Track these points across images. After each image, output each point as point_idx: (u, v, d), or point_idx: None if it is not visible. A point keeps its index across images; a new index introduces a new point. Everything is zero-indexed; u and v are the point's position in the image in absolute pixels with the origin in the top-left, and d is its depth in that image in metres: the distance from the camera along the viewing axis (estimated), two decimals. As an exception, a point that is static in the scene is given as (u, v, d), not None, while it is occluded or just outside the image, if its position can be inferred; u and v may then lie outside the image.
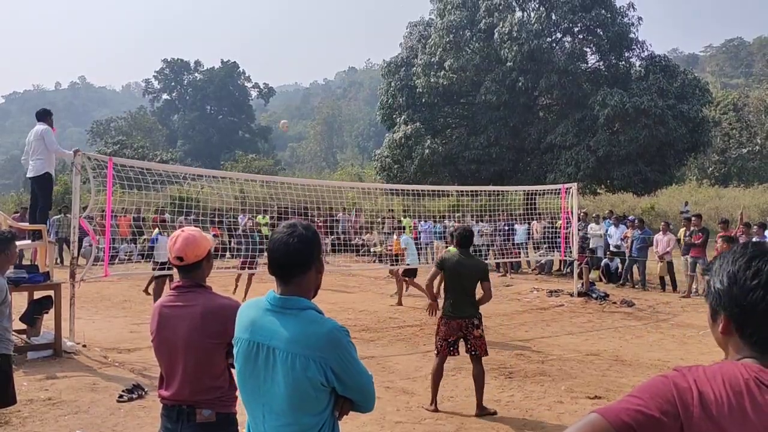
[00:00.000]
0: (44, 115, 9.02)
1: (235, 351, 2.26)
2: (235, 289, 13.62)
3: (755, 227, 13.75)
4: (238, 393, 2.44)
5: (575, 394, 7.02)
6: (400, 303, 13.11)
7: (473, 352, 6.33)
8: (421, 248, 20.34)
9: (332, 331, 2.13)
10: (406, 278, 13.36)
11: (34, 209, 9.19)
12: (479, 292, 6.44)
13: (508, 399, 6.80)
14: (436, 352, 6.50)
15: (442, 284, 6.64)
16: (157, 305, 3.01)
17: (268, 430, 2.14)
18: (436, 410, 6.34)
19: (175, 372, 2.87)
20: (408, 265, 13.39)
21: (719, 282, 1.43)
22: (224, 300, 2.94)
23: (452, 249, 10.01)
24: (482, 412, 6.26)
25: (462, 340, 6.38)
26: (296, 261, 2.19)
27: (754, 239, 12.46)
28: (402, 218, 21.12)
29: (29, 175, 8.91)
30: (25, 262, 14.88)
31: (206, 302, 2.89)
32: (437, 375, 6.41)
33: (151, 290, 13.32)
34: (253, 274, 13.24)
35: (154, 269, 12.35)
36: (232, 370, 2.73)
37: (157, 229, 12.96)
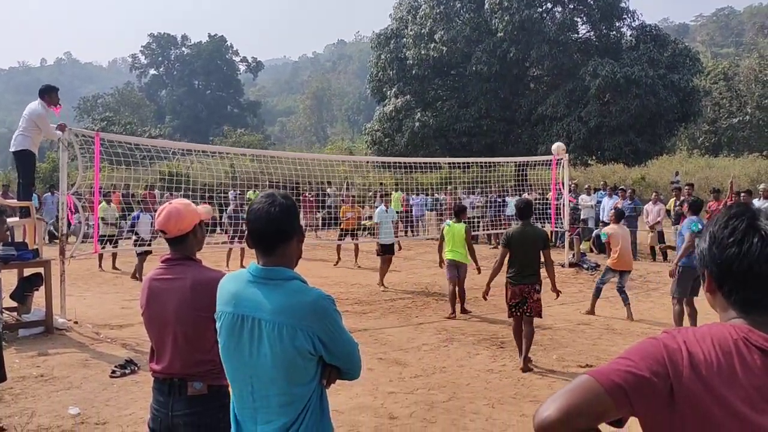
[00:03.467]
0: (47, 93, 8.64)
1: (218, 325, 2.24)
2: (227, 263, 13.68)
3: (742, 194, 13.84)
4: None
5: (566, 363, 7.09)
6: (381, 283, 12.22)
7: (528, 313, 6.94)
8: (411, 221, 20.38)
9: (318, 300, 2.11)
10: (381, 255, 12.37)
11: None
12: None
13: (500, 368, 6.86)
14: (508, 315, 7.20)
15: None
16: (147, 279, 2.99)
17: (258, 401, 2.13)
18: (528, 368, 6.83)
19: (165, 345, 2.86)
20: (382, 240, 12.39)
21: (703, 242, 1.47)
22: (213, 272, 2.91)
23: (450, 222, 10.02)
24: (527, 366, 6.87)
25: (523, 302, 6.98)
26: (278, 230, 2.17)
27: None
28: (393, 191, 21.09)
29: (11, 149, 8.74)
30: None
31: (195, 275, 2.86)
32: (518, 333, 7.07)
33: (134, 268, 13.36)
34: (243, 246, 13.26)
35: (136, 244, 12.34)
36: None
37: (107, 204, 12.92)
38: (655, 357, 1.32)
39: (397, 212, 20.33)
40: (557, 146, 14.30)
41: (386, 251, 12.43)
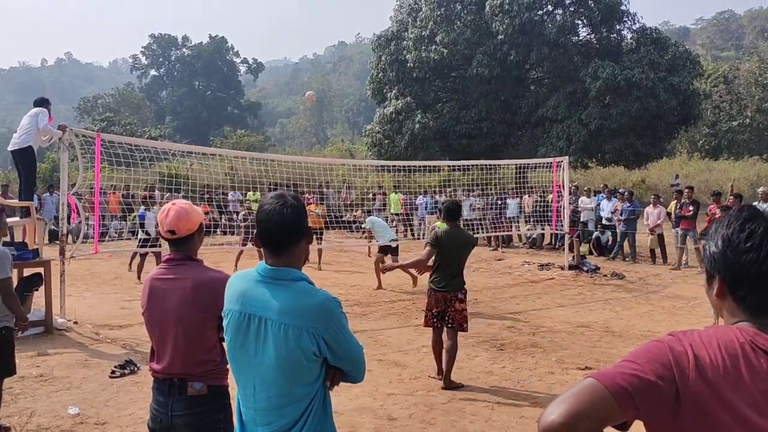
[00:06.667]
0: (41, 103, 8.99)
1: (225, 323, 2.24)
2: (236, 266, 13.72)
3: (731, 198, 13.78)
4: (229, 366, 2.43)
5: (566, 365, 7.08)
6: (380, 286, 12.14)
7: (450, 325, 6.33)
8: (413, 223, 20.38)
9: (325, 302, 2.12)
10: (383, 255, 12.33)
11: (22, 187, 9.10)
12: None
13: (500, 370, 6.85)
14: (424, 323, 6.60)
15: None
16: (149, 278, 2.99)
17: (259, 402, 2.13)
18: (448, 386, 6.31)
19: (166, 345, 2.86)
20: (386, 242, 12.33)
21: (714, 245, 1.43)
22: (215, 273, 2.92)
23: (439, 223, 10.05)
24: (450, 385, 6.24)
25: (444, 311, 6.40)
26: (290, 231, 2.18)
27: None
28: (393, 193, 21.07)
29: (10, 148, 8.75)
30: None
31: (197, 275, 2.87)
32: (436, 346, 6.51)
33: (135, 266, 13.38)
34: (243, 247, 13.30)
35: (140, 245, 12.34)
36: (224, 344, 2.72)
37: (143, 206, 13.00)
38: (661, 360, 1.31)
39: (397, 214, 20.40)
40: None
41: (389, 251, 12.37)
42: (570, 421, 1.27)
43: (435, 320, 6.43)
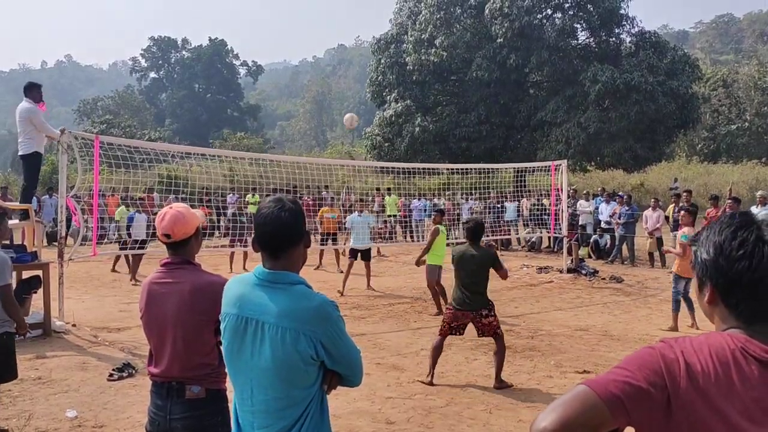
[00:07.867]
0: (30, 89, 8.54)
1: (222, 326, 2.25)
2: (231, 267, 13.73)
3: (729, 201, 13.74)
4: (226, 369, 2.44)
5: (564, 369, 7.08)
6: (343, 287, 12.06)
7: (481, 335, 6.56)
8: (411, 226, 20.38)
9: (322, 305, 2.13)
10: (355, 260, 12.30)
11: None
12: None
13: (498, 374, 6.85)
14: (439, 330, 6.68)
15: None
16: (146, 282, 3.00)
17: (256, 405, 2.14)
18: (431, 383, 6.47)
19: (164, 349, 2.87)
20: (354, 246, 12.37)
21: (705, 252, 1.42)
22: (213, 277, 2.93)
23: (441, 227, 10.32)
24: (500, 385, 6.42)
25: (472, 324, 6.54)
26: (288, 235, 2.18)
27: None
28: (387, 195, 21.05)
29: (20, 153, 8.78)
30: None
31: (195, 279, 2.87)
32: (436, 351, 6.58)
33: (118, 268, 13.56)
34: (245, 249, 13.33)
35: (130, 247, 12.38)
36: (221, 347, 2.73)
37: (126, 208, 13.02)
38: (653, 367, 1.31)
39: (393, 216, 20.39)
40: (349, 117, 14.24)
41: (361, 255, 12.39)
42: (562, 429, 1.27)
43: (453, 332, 6.54)
